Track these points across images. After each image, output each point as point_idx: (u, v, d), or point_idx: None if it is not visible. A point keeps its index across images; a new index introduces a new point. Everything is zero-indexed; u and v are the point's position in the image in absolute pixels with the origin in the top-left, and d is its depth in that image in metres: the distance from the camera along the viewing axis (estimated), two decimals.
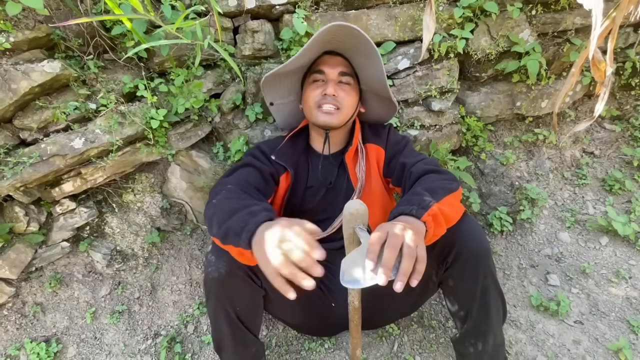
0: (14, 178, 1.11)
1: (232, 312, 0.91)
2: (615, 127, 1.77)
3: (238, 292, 0.91)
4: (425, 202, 0.77)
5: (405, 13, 1.37)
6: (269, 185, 1.05)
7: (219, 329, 0.95)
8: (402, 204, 0.79)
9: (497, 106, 1.58)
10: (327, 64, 1.07)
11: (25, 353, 1.26)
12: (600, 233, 1.57)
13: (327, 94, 1.03)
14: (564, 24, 1.48)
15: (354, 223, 0.71)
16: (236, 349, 0.96)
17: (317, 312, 1.11)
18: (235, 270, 0.88)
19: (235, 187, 0.92)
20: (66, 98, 1.17)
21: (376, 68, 1.06)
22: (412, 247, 0.64)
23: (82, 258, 1.39)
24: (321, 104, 1.04)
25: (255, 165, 1.04)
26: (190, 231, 1.49)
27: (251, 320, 0.96)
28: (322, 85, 1.06)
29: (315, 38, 0.96)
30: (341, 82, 1.07)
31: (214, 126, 1.42)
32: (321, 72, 1.07)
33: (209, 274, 0.88)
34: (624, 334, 1.24)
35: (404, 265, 0.62)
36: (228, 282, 0.88)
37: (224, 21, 1.30)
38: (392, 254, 0.62)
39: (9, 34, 1.05)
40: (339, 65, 1.07)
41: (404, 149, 1.10)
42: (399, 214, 0.76)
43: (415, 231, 0.67)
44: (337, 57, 1.09)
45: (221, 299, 0.90)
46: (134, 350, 1.30)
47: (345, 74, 1.07)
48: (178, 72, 1.24)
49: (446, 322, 1.33)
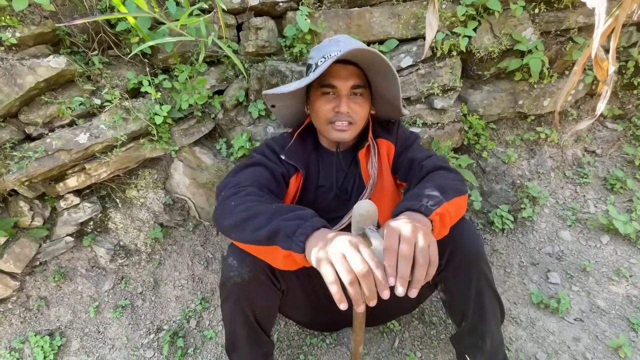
0: (20, 172, 1.12)
1: (250, 315, 0.89)
2: (617, 126, 1.77)
3: (259, 295, 0.89)
4: (436, 200, 0.75)
5: (408, 11, 1.38)
6: (280, 187, 1.01)
7: (235, 331, 0.94)
8: (411, 199, 0.77)
9: (499, 104, 1.58)
10: (338, 78, 0.97)
11: (30, 346, 1.27)
12: (601, 232, 1.58)
13: (340, 112, 0.97)
14: (567, 23, 1.48)
15: (364, 224, 0.69)
16: (251, 349, 0.96)
17: (324, 310, 1.10)
18: (258, 275, 0.86)
19: (253, 187, 0.88)
20: (71, 93, 1.18)
21: (393, 89, 1.00)
22: (425, 253, 0.62)
23: (86, 253, 1.40)
24: (334, 121, 0.99)
25: (266, 165, 0.99)
26: (192, 227, 1.50)
27: (267, 321, 0.96)
28: (333, 100, 0.99)
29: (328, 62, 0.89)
30: (353, 94, 1.00)
31: (217, 122, 1.43)
32: (332, 86, 0.98)
33: (231, 278, 0.85)
34: (624, 332, 1.24)
35: (418, 274, 0.61)
36: (250, 286, 0.86)
37: (228, 18, 1.31)
38: (407, 264, 0.60)
39: (15, 29, 1.06)
40: (351, 78, 0.98)
41: (413, 145, 1.09)
42: (406, 209, 0.74)
43: (426, 231, 0.65)
44: (349, 66, 0.99)
45: (241, 303, 0.88)
46: (137, 344, 1.31)
47: (358, 87, 0.99)
48: (182, 68, 1.25)
49: (447, 318, 1.33)
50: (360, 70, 1.01)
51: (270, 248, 0.71)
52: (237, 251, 0.85)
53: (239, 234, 0.76)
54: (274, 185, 0.97)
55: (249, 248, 0.77)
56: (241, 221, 0.76)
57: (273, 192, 0.95)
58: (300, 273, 0.96)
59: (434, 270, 0.63)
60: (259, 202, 0.81)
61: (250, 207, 0.78)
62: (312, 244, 0.65)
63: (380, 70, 0.96)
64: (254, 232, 0.72)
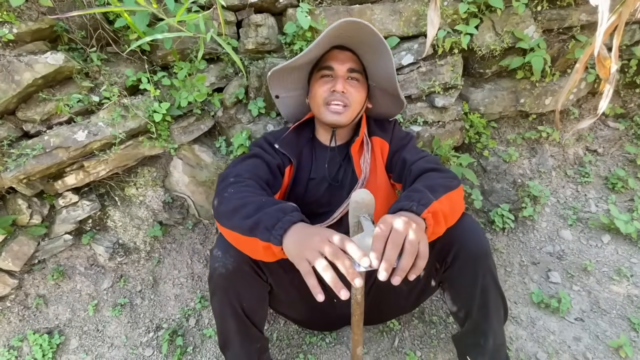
0: (17, 170, 1.11)
1: (238, 307, 0.91)
2: (619, 125, 1.76)
3: (245, 287, 0.91)
4: (426, 199, 0.77)
5: (410, 8, 1.37)
6: (276, 179, 1.04)
7: (225, 325, 0.95)
8: (402, 200, 0.79)
9: (500, 103, 1.57)
10: (336, 60, 1.05)
11: (28, 344, 1.27)
12: (602, 231, 1.57)
13: (335, 90, 1.02)
14: (570, 20, 1.47)
15: (360, 212, 0.71)
16: (242, 344, 0.96)
17: (319, 308, 1.11)
18: (242, 265, 0.88)
19: (251, 179, 0.92)
20: (69, 90, 1.17)
21: (386, 64, 1.04)
22: (414, 244, 0.64)
23: (85, 251, 1.40)
24: (329, 102, 1.04)
25: (263, 158, 1.03)
26: (192, 225, 1.50)
27: (257, 315, 0.96)
28: (330, 82, 1.05)
29: (325, 33, 0.95)
30: (350, 78, 1.06)
31: (217, 120, 1.42)
32: (330, 68, 1.05)
33: (216, 269, 0.87)
34: (625, 332, 1.24)
35: (404, 261, 0.63)
36: (235, 277, 0.88)
37: (228, 15, 1.30)
38: (395, 250, 0.63)
39: (12, 25, 1.05)
40: (348, 61, 1.05)
41: (407, 145, 1.10)
42: (398, 210, 0.76)
43: (418, 228, 0.67)
44: (346, 52, 1.07)
45: (228, 295, 0.90)
46: (136, 342, 1.31)
47: (354, 70, 1.06)
48: (181, 65, 1.24)
49: (447, 318, 1.33)
50: (357, 57, 1.08)
51: (250, 239, 0.74)
52: (222, 243, 0.88)
53: (228, 220, 0.80)
54: (270, 177, 1.01)
55: (233, 238, 0.81)
56: (234, 209, 0.80)
57: (269, 184, 0.99)
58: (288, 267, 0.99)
59: (423, 263, 0.65)
60: (254, 193, 0.85)
61: (244, 197, 0.83)
62: (288, 237, 0.69)
63: (373, 47, 1.02)
64: (242, 220, 0.76)
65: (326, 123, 1.08)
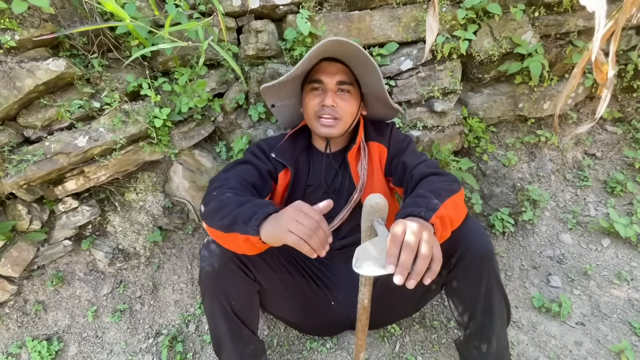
0: (18, 176, 1.11)
1: (227, 306, 0.92)
2: (617, 129, 1.78)
3: (232, 286, 0.92)
4: (432, 204, 0.77)
5: (409, 14, 1.38)
6: (266, 183, 1.05)
7: (216, 325, 0.95)
8: (409, 206, 0.79)
9: (499, 107, 1.58)
10: (325, 73, 1.04)
11: (27, 351, 1.26)
12: (601, 235, 1.58)
13: (325, 105, 1.03)
14: (567, 26, 1.48)
15: (373, 216, 0.72)
16: (235, 345, 0.96)
17: (316, 310, 1.11)
18: (228, 263, 0.90)
19: (235, 182, 0.94)
20: (70, 96, 1.18)
21: (374, 79, 1.05)
22: (429, 248, 0.64)
23: (84, 256, 1.39)
24: (320, 115, 1.04)
25: (253, 163, 1.05)
26: (192, 230, 1.49)
27: (247, 315, 0.97)
28: (320, 95, 1.05)
29: (311, 52, 0.96)
30: (340, 90, 1.06)
31: (217, 125, 1.42)
32: (319, 81, 1.05)
33: (204, 269, 0.90)
34: (626, 336, 1.23)
35: (419, 265, 0.63)
36: (222, 275, 0.90)
37: (228, 21, 1.31)
38: (410, 255, 0.63)
39: (14, 32, 1.05)
40: (338, 74, 1.05)
41: (406, 149, 1.10)
42: (406, 216, 0.76)
43: (431, 232, 0.68)
44: (337, 64, 1.06)
45: (217, 294, 0.91)
46: (135, 349, 1.30)
47: (344, 83, 1.05)
48: (182, 71, 1.24)
49: (448, 322, 1.32)
50: (348, 69, 1.07)
51: (231, 235, 0.77)
52: (209, 243, 0.91)
53: (210, 220, 0.83)
54: (259, 181, 1.03)
55: (217, 235, 0.84)
56: (216, 209, 0.83)
57: (257, 188, 1.01)
58: (276, 266, 1.01)
59: (438, 267, 0.65)
60: (236, 194, 0.88)
61: (226, 198, 0.86)
62: (265, 227, 0.73)
63: (361, 62, 1.02)
64: (221, 219, 0.80)
65: (318, 135, 1.09)
